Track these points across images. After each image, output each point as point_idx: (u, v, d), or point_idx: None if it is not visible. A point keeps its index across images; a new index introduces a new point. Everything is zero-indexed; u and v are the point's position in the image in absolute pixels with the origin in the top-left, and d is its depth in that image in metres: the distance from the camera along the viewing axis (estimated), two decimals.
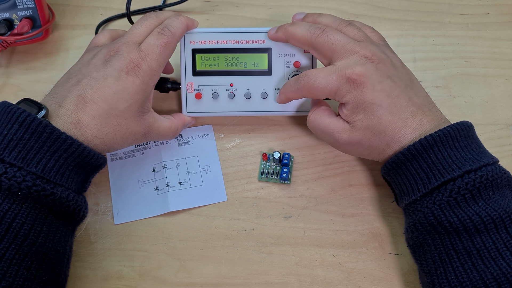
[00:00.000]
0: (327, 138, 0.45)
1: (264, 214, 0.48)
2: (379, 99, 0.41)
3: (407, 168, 0.41)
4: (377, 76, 0.42)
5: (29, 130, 0.38)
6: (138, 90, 0.44)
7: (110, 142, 0.43)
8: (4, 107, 0.39)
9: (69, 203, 0.39)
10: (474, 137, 0.41)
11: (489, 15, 0.60)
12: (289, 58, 0.50)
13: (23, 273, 0.36)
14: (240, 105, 0.50)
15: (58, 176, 0.39)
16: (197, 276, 0.45)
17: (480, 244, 0.36)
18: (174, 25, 0.47)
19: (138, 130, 0.45)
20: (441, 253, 0.38)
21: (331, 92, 0.43)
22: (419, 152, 0.40)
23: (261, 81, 0.50)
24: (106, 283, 0.45)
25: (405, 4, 0.61)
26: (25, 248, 0.36)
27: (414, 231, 0.41)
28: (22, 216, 0.37)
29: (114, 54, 0.44)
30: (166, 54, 0.46)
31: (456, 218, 0.37)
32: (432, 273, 0.39)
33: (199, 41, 0.49)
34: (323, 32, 0.44)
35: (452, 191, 0.38)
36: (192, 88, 0.50)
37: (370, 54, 0.43)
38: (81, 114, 0.41)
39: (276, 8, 0.61)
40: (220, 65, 0.50)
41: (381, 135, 0.42)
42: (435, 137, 0.39)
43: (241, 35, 0.49)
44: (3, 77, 0.56)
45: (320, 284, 0.45)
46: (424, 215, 0.39)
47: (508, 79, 0.55)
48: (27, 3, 0.53)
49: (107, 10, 0.60)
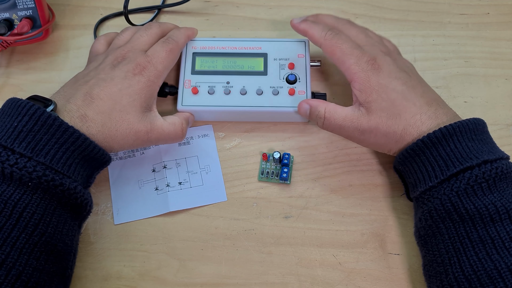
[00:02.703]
0: (347, 130, 0.46)
1: (264, 214, 0.48)
2: (393, 84, 0.44)
3: (425, 156, 0.42)
4: (394, 67, 0.46)
5: (38, 122, 0.39)
6: (143, 87, 0.46)
7: (111, 139, 0.44)
8: (14, 102, 0.41)
9: (76, 194, 0.40)
10: (488, 133, 0.43)
11: (489, 15, 0.60)
12: (284, 61, 0.52)
13: (32, 263, 0.37)
14: (235, 100, 0.51)
15: (66, 167, 0.40)
16: (197, 276, 0.45)
17: (494, 233, 0.37)
18: (177, 34, 0.51)
19: (140, 127, 0.45)
20: (455, 241, 0.39)
21: (352, 57, 0.45)
22: (439, 140, 0.41)
23: (256, 80, 0.52)
24: (106, 283, 0.45)
25: (405, 4, 0.61)
26: (35, 237, 0.37)
27: (428, 219, 0.41)
28: (32, 206, 0.37)
29: (122, 60, 0.47)
30: (171, 59, 0.49)
31: (473, 205, 0.38)
32: (446, 262, 0.39)
33: (200, 47, 0.53)
34: (337, 34, 0.47)
35: (470, 179, 0.39)
36: (190, 84, 0.51)
37: (387, 51, 0.48)
38: (87, 109, 0.43)
39: (276, 8, 0.61)
40: (218, 67, 0.52)
41: (397, 118, 0.43)
42: (455, 127, 0.41)
43: (239, 43, 0.53)
44: (3, 77, 0.56)
45: (320, 284, 0.45)
46: (441, 201, 0.40)
47: (508, 79, 0.55)
48: (27, 3, 0.53)
49: (107, 10, 0.60)
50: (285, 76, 0.51)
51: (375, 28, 0.57)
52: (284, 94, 0.51)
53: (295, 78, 0.51)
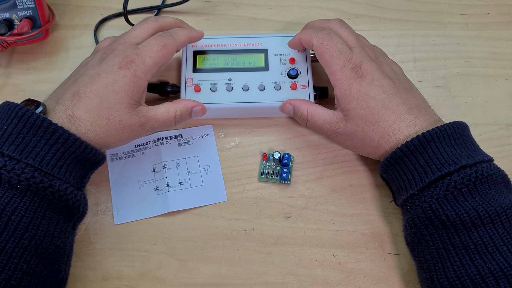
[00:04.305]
0: (326, 132, 0.47)
1: (264, 214, 0.48)
2: (374, 92, 0.44)
3: (405, 164, 0.42)
4: (378, 74, 0.45)
5: (27, 124, 0.39)
6: (129, 82, 0.44)
7: (105, 136, 0.44)
8: (6, 105, 0.41)
9: (67, 196, 0.40)
10: (469, 136, 0.43)
11: (489, 15, 0.60)
12: (284, 57, 0.53)
13: (23, 267, 0.36)
14: (238, 96, 0.51)
15: (56, 169, 0.40)
16: (197, 276, 0.45)
17: (477, 238, 0.37)
18: (177, 32, 0.49)
19: (133, 122, 0.45)
20: (439, 248, 0.39)
21: (339, 62, 0.45)
22: (416, 148, 0.41)
23: (258, 75, 0.52)
24: (106, 283, 0.45)
25: (405, 4, 0.61)
26: (25, 241, 0.37)
27: (412, 226, 0.41)
28: (21, 209, 0.37)
29: (110, 52, 0.46)
30: (162, 54, 0.46)
31: (454, 212, 0.38)
32: (431, 269, 0.39)
33: (200, 45, 0.53)
34: (329, 35, 0.46)
35: (449, 185, 0.39)
36: (192, 83, 0.51)
37: (375, 56, 0.47)
38: (75, 109, 0.43)
39: (276, 8, 0.61)
40: (219, 64, 0.52)
41: (375, 126, 0.43)
42: (432, 134, 0.41)
43: (240, 39, 0.54)
44: (3, 77, 0.56)
45: (320, 284, 0.45)
46: (422, 209, 0.40)
47: (508, 79, 0.55)
48: (27, 3, 0.53)
49: (107, 10, 0.60)
50: (287, 71, 0.52)
51: (375, 28, 0.57)
52: (286, 89, 0.51)
53: (296, 73, 0.51)
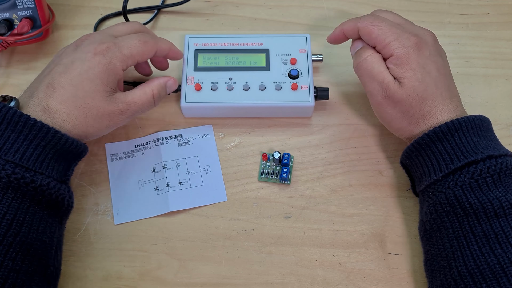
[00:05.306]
0: (373, 86, 0.45)
1: (264, 214, 0.48)
2: (429, 67, 0.43)
3: (431, 150, 0.42)
4: (434, 49, 0.45)
5: (4, 120, 0.39)
6: (104, 69, 0.43)
7: (83, 126, 0.43)
8: None
9: (50, 191, 0.39)
10: (493, 131, 0.44)
11: (489, 15, 0.60)
12: (285, 57, 0.52)
13: (8, 264, 0.36)
14: (238, 96, 0.51)
15: (38, 164, 0.39)
16: (197, 276, 0.45)
17: (498, 228, 0.37)
18: (161, 39, 0.48)
19: (111, 109, 0.44)
20: (459, 236, 0.39)
21: (392, 34, 0.44)
22: (444, 134, 0.41)
23: (259, 75, 0.52)
24: (106, 283, 0.45)
25: (405, 4, 0.61)
26: (9, 238, 0.36)
27: (433, 212, 0.41)
28: (3, 206, 0.37)
29: (85, 39, 0.45)
30: (141, 50, 0.45)
31: (477, 200, 0.38)
32: (450, 256, 0.39)
33: (202, 44, 0.53)
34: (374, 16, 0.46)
35: (475, 173, 0.39)
36: (192, 81, 0.51)
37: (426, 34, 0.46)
38: (50, 101, 0.42)
39: (276, 8, 0.61)
40: (220, 63, 0.52)
41: (422, 103, 0.43)
42: (461, 122, 0.41)
43: (241, 39, 0.54)
44: (3, 77, 0.56)
45: (320, 284, 0.45)
46: (445, 195, 0.40)
47: (508, 79, 0.55)
48: (27, 3, 0.53)
49: (107, 10, 0.60)
50: (288, 71, 0.52)
51: None
52: (287, 89, 0.51)
53: (297, 73, 0.51)
